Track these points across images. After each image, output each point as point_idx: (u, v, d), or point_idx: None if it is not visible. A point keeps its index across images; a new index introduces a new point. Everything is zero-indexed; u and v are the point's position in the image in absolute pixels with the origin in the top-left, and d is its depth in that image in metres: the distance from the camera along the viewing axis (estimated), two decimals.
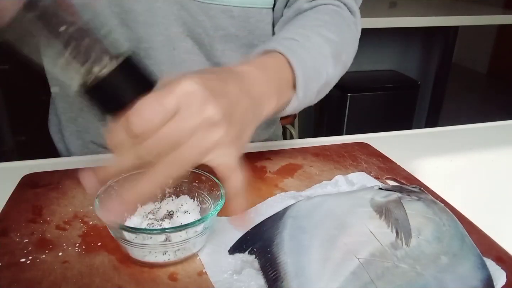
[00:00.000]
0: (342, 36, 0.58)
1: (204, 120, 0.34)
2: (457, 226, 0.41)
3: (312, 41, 0.53)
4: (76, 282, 0.37)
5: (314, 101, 0.55)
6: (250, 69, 0.43)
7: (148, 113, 0.33)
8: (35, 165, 0.57)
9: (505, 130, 0.79)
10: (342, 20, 0.61)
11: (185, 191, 0.46)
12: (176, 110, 0.34)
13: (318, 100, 0.57)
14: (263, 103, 0.43)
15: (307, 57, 0.50)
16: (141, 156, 0.34)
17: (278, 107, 0.47)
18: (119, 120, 0.35)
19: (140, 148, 0.34)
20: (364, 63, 2.64)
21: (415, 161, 0.63)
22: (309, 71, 0.50)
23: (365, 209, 0.42)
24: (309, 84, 0.50)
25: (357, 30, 0.64)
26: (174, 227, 0.39)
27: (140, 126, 0.33)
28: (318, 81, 0.52)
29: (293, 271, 0.36)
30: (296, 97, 0.49)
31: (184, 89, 0.34)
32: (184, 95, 0.34)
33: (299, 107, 0.51)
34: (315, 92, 0.52)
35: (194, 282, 0.38)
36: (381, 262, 0.36)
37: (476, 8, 2.48)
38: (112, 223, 0.38)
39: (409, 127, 2.53)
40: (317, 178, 0.56)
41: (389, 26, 2.11)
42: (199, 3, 0.60)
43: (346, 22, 0.61)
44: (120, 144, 0.35)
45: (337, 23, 0.59)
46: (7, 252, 0.40)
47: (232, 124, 0.36)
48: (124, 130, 0.34)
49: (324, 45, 0.54)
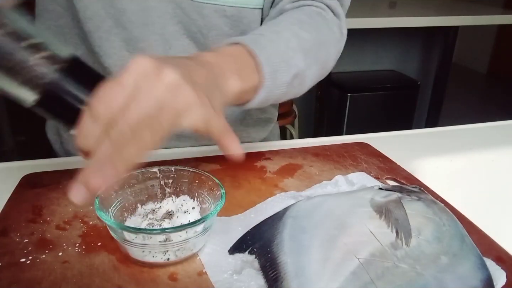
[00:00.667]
0: (318, 35, 0.58)
1: (166, 85, 0.35)
2: (457, 226, 0.41)
3: (279, 35, 0.53)
4: (76, 282, 0.37)
5: (287, 95, 0.54)
6: (209, 54, 0.44)
7: (110, 96, 0.33)
8: (35, 165, 0.57)
9: (505, 130, 0.79)
10: (322, 21, 0.61)
11: (185, 191, 0.46)
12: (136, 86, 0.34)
13: (292, 96, 0.56)
14: (224, 77, 0.43)
15: (270, 47, 0.50)
16: (118, 142, 0.33)
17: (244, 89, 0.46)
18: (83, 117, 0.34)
19: (114, 132, 0.33)
20: (364, 63, 2.65)
21: (415, 161, 0.64)
22: (273, 59, 0.49)
23: (365, 209, 0.42)
24: (277, 73, 0.50)
25: (341, 33, 0.64)
26: (174, 227, 0.39)
27: (106, 110, 0.33)
28: (287, 71, 0.51)
29: (293, 271, 0.36)
30: (263, 86, 0.49)
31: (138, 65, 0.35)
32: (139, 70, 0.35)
33: (268, 97, 0.50)
34: (285, 83, 0.52)
35: (194, 282, 0.38)
36: (381, 262, 0.36)
37: (476, 8, 2.48)
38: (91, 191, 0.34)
39: (409, 127, 2.53)
40: (317, 178, 0.56)
41: (389, 26, 2.11)
42: (193, 2, 0.60)
43: (328, 24, 0.61)
44: (92, 139, 0.34)
45: (315, 23, 0.59)
46: (7, 252, 0.40)
47: (196, 85, 0.36)
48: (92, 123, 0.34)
49: (292, 39, 0.53)
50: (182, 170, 0.46)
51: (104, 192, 0.41)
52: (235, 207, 0.48)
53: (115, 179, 0.34)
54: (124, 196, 0.44)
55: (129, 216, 0.44)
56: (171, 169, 0.47)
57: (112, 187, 0.43)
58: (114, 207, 0.43)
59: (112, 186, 0.43)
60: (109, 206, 0.42)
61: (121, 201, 0.44)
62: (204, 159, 0.60)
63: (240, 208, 0.48)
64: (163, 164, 0.47)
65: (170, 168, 0.47)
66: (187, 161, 0.59)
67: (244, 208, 0.48)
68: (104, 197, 0.41)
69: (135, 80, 0.34)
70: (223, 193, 0.42)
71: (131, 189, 0.45)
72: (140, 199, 0.45)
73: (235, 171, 0.57)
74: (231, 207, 0.48)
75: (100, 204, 0.40)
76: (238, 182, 0.54)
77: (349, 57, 2.59)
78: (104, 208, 0.41)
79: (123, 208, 0.44)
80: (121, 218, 0.43)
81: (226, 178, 0.55)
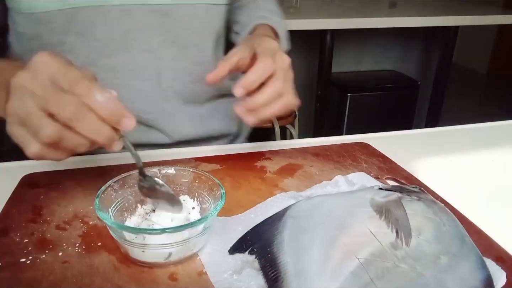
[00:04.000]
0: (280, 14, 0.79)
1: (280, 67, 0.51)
2: (457, 226, 0.41)
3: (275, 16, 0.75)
4: (76, 282, 0.37)
5: None
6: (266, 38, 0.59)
7: None
8: (35, 165, 0.57)
9: (505, 130, 0.79)
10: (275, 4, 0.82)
11: (185, 191, 0.46)
12: None
13: None
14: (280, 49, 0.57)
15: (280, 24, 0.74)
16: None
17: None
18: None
19: None
20: (364, 63, 2.65)
21: (415, 161, 0.64)
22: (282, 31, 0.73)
23: (365, 209, 0.42)
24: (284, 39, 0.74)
25: None
26: (174, 227, 0.39)
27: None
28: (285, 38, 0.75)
29: (293, 271, 0.36)
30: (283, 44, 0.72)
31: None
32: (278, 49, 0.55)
33: None
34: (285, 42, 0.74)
35: (194, 282, 0.38)
36: (381, 262, 0.36)
37: (476, 8, 2.48)
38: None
39: (409, 127, 2.53)
40: (317, 178, 0.56)
41: (389, 26, 2.11)
42: (184, 5, 0.63)
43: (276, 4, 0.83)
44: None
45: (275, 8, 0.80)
46: (7, 252, 0.40)
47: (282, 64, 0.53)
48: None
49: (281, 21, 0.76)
50: (182, 170, 0.47)
51: (104, 192, 0.41)
52: (235, 207, 0.48)
53: None
54: (124, 196, 0.44)
55: (129, 216, 0.44)
56: (171, 169, 0.47)
57: (112, 187, 0.43)
58: (114, 207, 0.43)
59: (112, 186, 0.43)
60: (109, 206, 0.42)
61: (121, 201, 0.44)
62: (204, 159, 0.60)
63: (240, 208, 0.48)
64: (163, 164, 0.47)
65: (170, 168, 0.47)
66: (188, 161, 0.59)
67: (244, 208, 0.48)
68: (104, 197, 0.41)
69: None
70: (223, 193, 0.42)
71: (131, 189, 0.45)
72: (140, 199, 0.45)
73: (235, 171, 0.57)
74: (231, 207, 0.48)
75: (100, 204, 0.40)
76: (238, 182, 0.54)
77: (349, 57, 2.59)
78: (104, 208, 0.41)
79: (123, 208, 0.44)
80: (121, 218, 0.43)
81: (226, 178, 0.55)
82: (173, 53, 0.66)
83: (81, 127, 0.36)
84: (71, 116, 0.36)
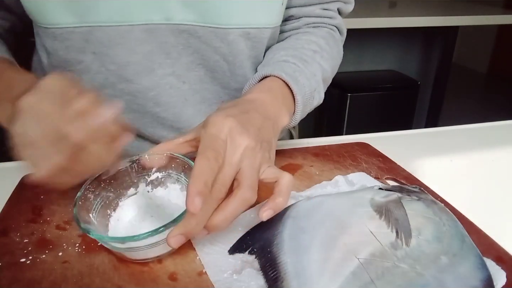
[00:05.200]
0: (334, 62, 0.66)
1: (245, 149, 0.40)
2: (457, 226, 0.41)
3: (309, 68, 0.58)
4: (76, 282, 0.37)
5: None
6: (262, 96, 0.49)
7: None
8: None
9: (505, 130, 0.79)
10: (334, 44, 0.67)
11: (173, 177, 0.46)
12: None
13: None
14: (278, 121, 0.49)
15: (306, 84, 0.56)
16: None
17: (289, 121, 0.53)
18: None
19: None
20: (364, 63, 2.64)
21: (415, 161, 0.63)
22: (306, 97, 0.56)
23: (365, 209, 0.42)
24: (305, 108, 0.57)
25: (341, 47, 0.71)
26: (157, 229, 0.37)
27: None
28: (310, 105, 0.59)
29: (293, 271, 0.36)
30: (293, 118, 0.55)
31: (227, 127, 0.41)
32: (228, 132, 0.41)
33: (290, 125, 0.56)
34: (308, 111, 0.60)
35: (194, 282, 0.38)
36: (381, 262, 0.36)
37: (476, 8, 2.47)
38: None
39: (409, 127, 2.53)
40: (317, 178, 0.56)
41: (389, 26, 2.10)
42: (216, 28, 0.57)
43: (338, 45, 0.68)
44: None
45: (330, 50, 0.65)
46: (7, 252, 0.40)
47: (263, 144, 0.43)
48: None
49: (318, 72, 0.60)
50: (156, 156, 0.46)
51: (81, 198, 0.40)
52: None
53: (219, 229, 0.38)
54: (102, 195, 0.43)
55: (113, 211, 0.44)
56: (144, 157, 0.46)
57: (89, 190, 0.42)
58: (95, 209, 0.42)
59: (88, 189, 0.42)
60: (90, 210, 0.41)
61: (101, 200, 0.43)
62: None
63: None
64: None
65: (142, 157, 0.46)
66: None
67: None
68: (81, 204, 0.40)
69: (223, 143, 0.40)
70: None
71: (108, 186, 0.44)
72: (120, 192, 0.45)
73: None
74: None
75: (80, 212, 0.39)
76: None
77: (349, 57, 2.59)
78: (85, 215, 0.40)
79: (105, 206, 0.43)
80: (104, 220, 0.43)
81: None
82: (200, 75, 0.61)
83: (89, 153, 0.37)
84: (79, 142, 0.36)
